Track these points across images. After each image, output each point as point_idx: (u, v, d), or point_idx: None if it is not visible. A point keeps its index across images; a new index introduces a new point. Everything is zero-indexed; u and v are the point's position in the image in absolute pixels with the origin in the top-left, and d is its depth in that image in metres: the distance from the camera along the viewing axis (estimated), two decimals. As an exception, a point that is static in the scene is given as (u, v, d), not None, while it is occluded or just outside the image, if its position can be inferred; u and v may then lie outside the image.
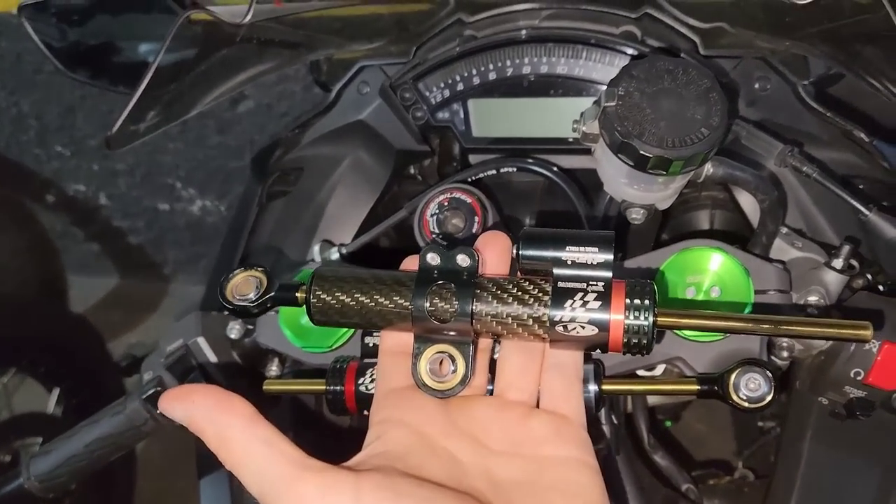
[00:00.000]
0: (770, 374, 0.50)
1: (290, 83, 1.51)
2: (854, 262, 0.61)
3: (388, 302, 0.42)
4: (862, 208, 0.57)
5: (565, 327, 0.40)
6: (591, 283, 0.41)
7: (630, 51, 0.70)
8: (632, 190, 0.58)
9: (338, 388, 0.58)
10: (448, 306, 0.41)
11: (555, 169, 0.70)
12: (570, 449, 0.41)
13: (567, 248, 0.41)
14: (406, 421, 0.41)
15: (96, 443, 0.69)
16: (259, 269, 0.46)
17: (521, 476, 0.39)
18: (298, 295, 0.44)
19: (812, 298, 0.58)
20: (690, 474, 0.80)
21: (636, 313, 0.40)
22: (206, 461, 0.82)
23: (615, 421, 0.63)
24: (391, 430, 0.40)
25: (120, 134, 0.57)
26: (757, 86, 0.73)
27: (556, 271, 0.42)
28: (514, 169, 0.70)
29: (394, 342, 0.44)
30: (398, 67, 0.79)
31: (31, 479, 0.69)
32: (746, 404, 0.51)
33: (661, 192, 0.58)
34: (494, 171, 0.71)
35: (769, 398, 0.51)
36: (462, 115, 0.76)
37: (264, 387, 0.63)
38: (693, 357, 0.57)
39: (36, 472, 0.70)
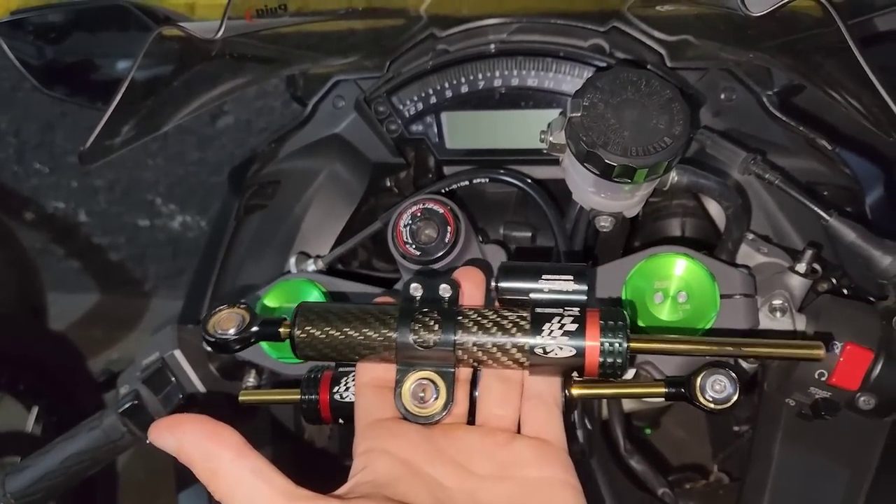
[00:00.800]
0: (735, 376, 0.51)
1: (270, 99, 1.52)
2: (817, 266, 0.63)
3: (373, 333, 0.44)
4: (823, 213, 0.59)
5: (544, 350, 0.42)
6: (566, 308, 0.43)
7: (599, 63, 0.71)
8: (599, 198, 0.59)
9: (312, 397, 0.58)
10: (432, 335, 0.43)
11: (527, 180, 0.71)
12: (553, 470, 0.42)
13: (543, 278, 0.44)
14: (390, 450, 0.41)
15: (73, 458, 0.69)
16: (242, 305, 0.47)
17: (506, 499, 0.40)
18: (282, 330, 0.45)
19: (776, 302, 0.60)
20: (667, 479, 0.81)
21: (611, 337, 0.42)
22: (185, 476, 0.82)
23: (589, 426, 0.63)
24: (376, 459, 0.41)
25: (93, 149, 0.58)
26: (723, 96, 0.74)
27: (534, 297, 0.44)
28: (487, 179, 0.72)
29: (372, 376, 0.45)
30: (373, 81, 0.80)
31: (6, 497, 0.69)
32: (712, 405, 0.53)
33: (627, 200, 0.59)
34: (467, 182, 0.72)
35: (734, 399, 0.52)
36: (435, 127, 0.77)
37: (240, 397, 0.63)
38: (662, 361, 0.58)
39: (12, 490, 0.69)
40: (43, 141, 1.67)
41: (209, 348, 0.46)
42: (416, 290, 0.45)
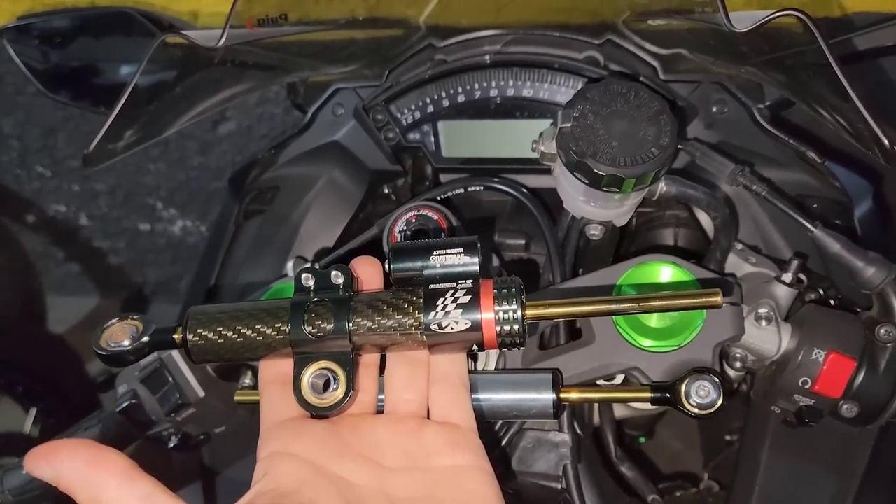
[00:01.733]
0: (718, 381, 0.53)
1: (271, 105, 1.54)
2: (803, 277, 0.64)
3: (267, 329, 0.43)
4: (808, 224, 0.60)
5: (440, 326, 0.42)
6: (459, 282, 0.43)
7: (592, 75, 0.73)
8: (589, 207, 0.60)
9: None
10: (325, 323, 0.43)
11: (521, 188, 0.73)
12: (464, 457, 0.42)
13: (433, 254, 0.44)
14: (295, 452, 0.40)
15: (71, 456, 0.70)
16: (135, 317, 0.46)
17: (417, 491, 0.40)
18: (175, 337, 0.45)
19: (762, 311, 0.61)
20: (657, 486, 0.82)
21: (505, 307, 0.42)
22: (180, 475, 0.83)
23: (578, 431, 0.64)
24: (279, 464, 0.39)
25: (97, 151, 0.59)
26: (714, 109, 0.76)
27: (428, 274, 0.44)
28: (482, 188, 0.73)
29: (274, 372, 0.44)
30: (372, 90, 0.82)
31: (4, 493, 0.70)
32: (697, 411, 0.54)
33: (617, 209, 0.60)
34: (462, 190, 0.73)
35: (718, 404, 0.53)
36: (432, 136, 0.79)
37: (235, 397, 0.64)
38: (649, 367, 0.59)
39: (10, 486, 0.70)
40: (45, 145, 1.68)
41: (103, 363, 0.45)
42: (308, 279, 0.44)
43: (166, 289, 1.92)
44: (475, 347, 0.44)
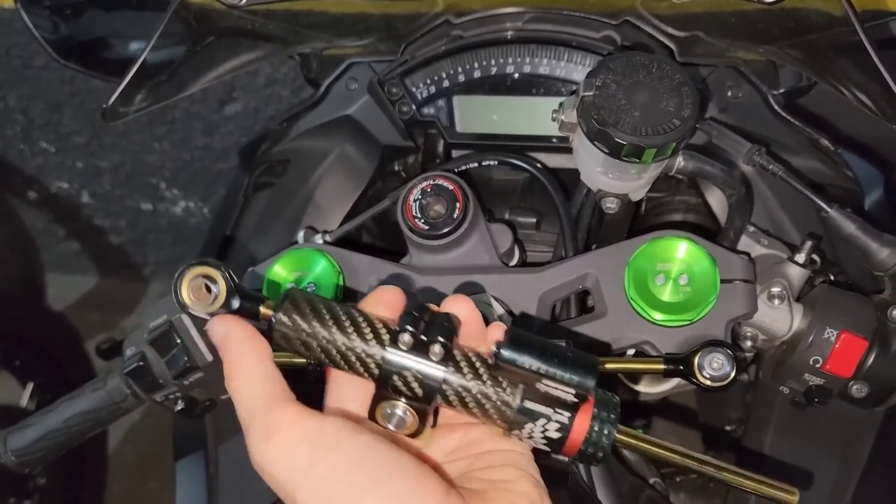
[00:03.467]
0: (732, 354, 0.53)
1: (279, 87, 1.53)
2: (816, 258, 0.64)
3: (364, 345, 0.41)
4: (823, 205, 0.60)
5: (530, 434, 0.42)
6: (557, 410, 0.41)
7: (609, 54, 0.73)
8: (607, 178, 0.60)
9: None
10: (425, 366, 0.41)
11: (536, 164, 0.73)
12: (504, 444, 0.44)
13: (543, 381, 0.40)
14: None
15: (75, 418, 0.70)
16: (213, 266, 0.43)
17: (464, 469, 0.43)
18: (263, 310, 0.42)
19: (775, 289, 0.61)
20: (660, 470, 0.82)
21: (598, 426, 0.41)
22: (183, 444, 0.83)
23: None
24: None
25: (115, 107, 0.59)
26: (729, 93, 0.76)
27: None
28: (496, 163, 0.73)
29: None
30: (386, 65, 0.82)
31: (7, 454, 0.70)
32: (710, 383, 0.54)
33: (634, 182, 0.60)
34: (476, 164, 0.73)
35: (732, 376, 0.54)
36: (447, 111, 0.79)
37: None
38: (660, 341, 0.59)
39: (13, 447, 0.70)
40: (50, 120, 1.67)
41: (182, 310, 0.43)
42: (417, 317, 0.41)
43: (166, 270, 1.92)
44: (548, 447, 0.42)
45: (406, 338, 0.41)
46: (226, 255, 0.84)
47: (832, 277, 0.67)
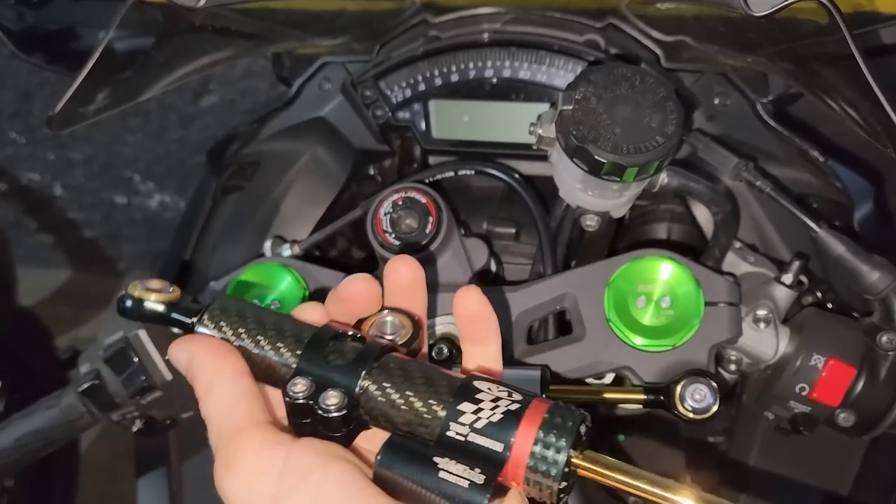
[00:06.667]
0: (716, 386, 0.50)
1: (256, 79, 1.49)
2: (804, 279, 0.62)
3: (282, 349, 0.39)
4: (812, 224, 0.58)
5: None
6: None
7: (592, 59, 0.70)
8: (586, 196, 0.57)
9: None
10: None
11: (514, 175, 0.70)
12: None
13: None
14: None
15: (28, 437, 0.66)
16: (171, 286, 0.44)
17: None
18: (192, 321, 0.42)
19: (761, 312, 0.58)
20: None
21: (551, 439, 0.33)
22: (145, 461, 0.79)
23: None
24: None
25: (64, 114, 0.55)
26: (717, 101, 0.73)
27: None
28: (472, 172, 0.70)
29: None
30: (361, 65, 0.78)
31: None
32: (692, 415, 0.51)
33: (615, 200, 0.57)
34: (452, 174, 0.70)
35: (714, 409, 0.51)
36: (423, 115, 0.75)
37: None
38: (641, 367, 0.56)
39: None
40: (20, 110, 1.62)
41: (119, 304, 0.43)
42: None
43: (141, 264, 1.88)
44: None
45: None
46: (192, 261, 0.81)
47: (819, 295, 0.65)
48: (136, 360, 0.64)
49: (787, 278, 0.60)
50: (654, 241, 0.75)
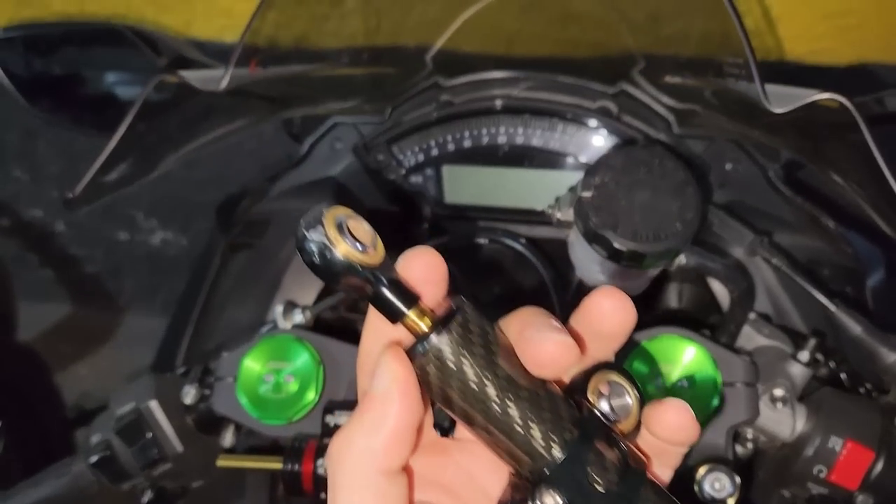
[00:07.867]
0: (738, 481, 0.50)
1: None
2: (819, 356, 0.61)
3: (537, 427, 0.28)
4: (828, 304, 0.58)
5: None
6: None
7: (605, 128, 0.70)
8: (604, 278, 0.57)
9: (295, 467, 0.56)
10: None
11: (532, 248, 0.70)
12: None
13: None
14: None
15: (36, 506, 0.66)
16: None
17: None
18: (414, 318, 0.29)
19: (778, 392, 0.58)
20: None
21: None
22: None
23: None
24: None
25: (84, 192, 0.55)
26: (728, 167, 0.73)
27: None
28: (487, 241, 0.70)
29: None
30: (372, 127, 0.78)
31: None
32: (708, 502, 0.51)
33: (633, 281, 0.57)
34: (465, 242, 0.70)
35: (733, 501, 0.51)
36: (435, 180, 0.75)
37: (218, 462, 0.61)
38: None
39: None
40: (24, 150, 1.62)
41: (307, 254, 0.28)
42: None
43: (142, 300, 1.87)
44: None
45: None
46: (201, 320, 0.81)
47: (833, 366, 0.65)
48: (148, 432, 0.64)
49: (804, 356, 0.60)
50: (666, 314, 0.74)
